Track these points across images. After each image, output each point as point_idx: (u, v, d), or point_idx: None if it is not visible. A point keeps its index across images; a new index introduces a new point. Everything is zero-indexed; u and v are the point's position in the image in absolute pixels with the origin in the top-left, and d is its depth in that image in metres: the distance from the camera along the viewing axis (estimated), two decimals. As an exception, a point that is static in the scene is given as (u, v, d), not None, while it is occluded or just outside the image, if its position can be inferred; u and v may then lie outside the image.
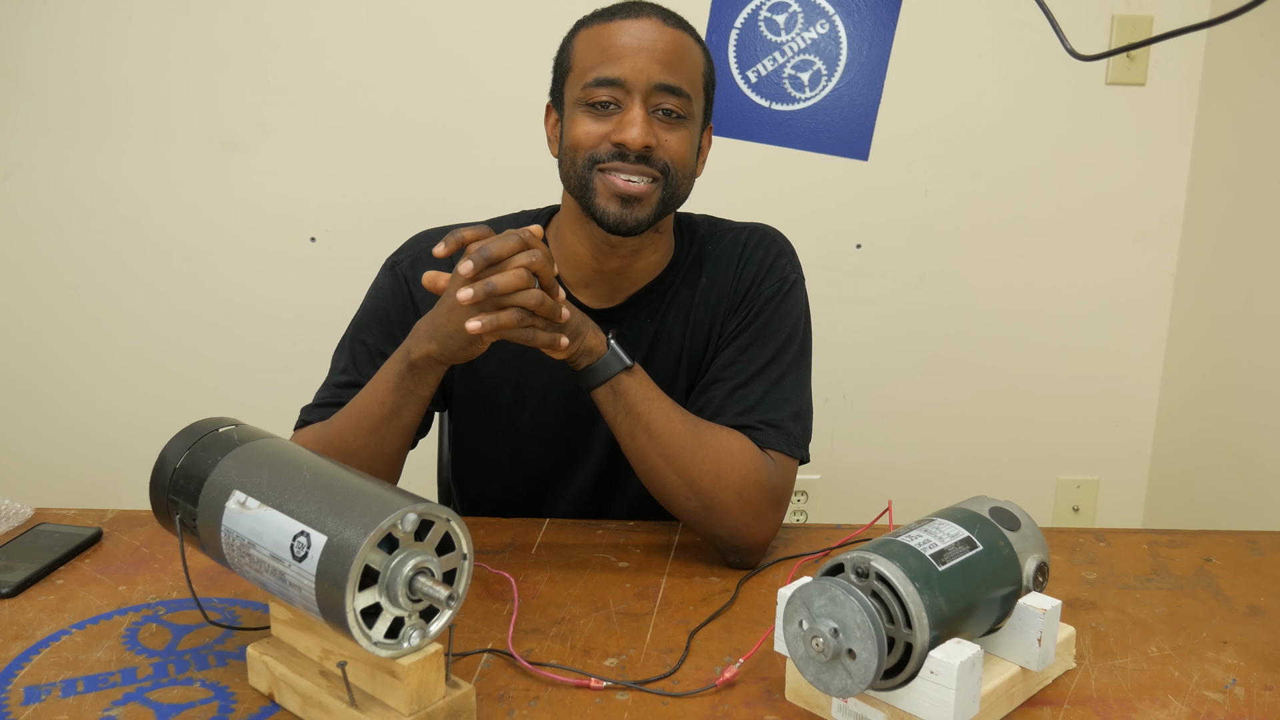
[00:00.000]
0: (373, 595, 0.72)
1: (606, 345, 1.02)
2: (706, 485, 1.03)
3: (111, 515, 1.17)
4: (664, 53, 1.05)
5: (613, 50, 1.05)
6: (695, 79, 1.08)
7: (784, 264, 1.18)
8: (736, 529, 1.05)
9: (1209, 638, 0.94)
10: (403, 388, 1.01)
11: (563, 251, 1.16)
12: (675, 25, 1.08)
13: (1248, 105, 1.96)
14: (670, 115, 1.06)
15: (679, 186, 1.09)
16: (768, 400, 1.10)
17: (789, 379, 1.12)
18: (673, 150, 1.06)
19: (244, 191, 2.08)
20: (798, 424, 1.11)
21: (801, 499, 2.28)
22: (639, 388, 1.03)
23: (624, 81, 1.04)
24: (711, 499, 1.04)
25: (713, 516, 1.04)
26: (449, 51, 2.02)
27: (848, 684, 0.73)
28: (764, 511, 1.05)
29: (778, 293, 1.16)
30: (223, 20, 2.00)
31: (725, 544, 1.06)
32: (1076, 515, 2.30)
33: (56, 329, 2.14)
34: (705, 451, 1.04)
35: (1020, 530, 0.84)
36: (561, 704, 0.83)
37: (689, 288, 1.18)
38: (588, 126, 1.06)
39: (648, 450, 1.04)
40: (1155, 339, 2.21)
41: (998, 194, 2.12)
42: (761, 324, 1.14)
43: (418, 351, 0.99)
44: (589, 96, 1.05)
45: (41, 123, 2.03)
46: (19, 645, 0.90)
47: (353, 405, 1.05)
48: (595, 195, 1.06)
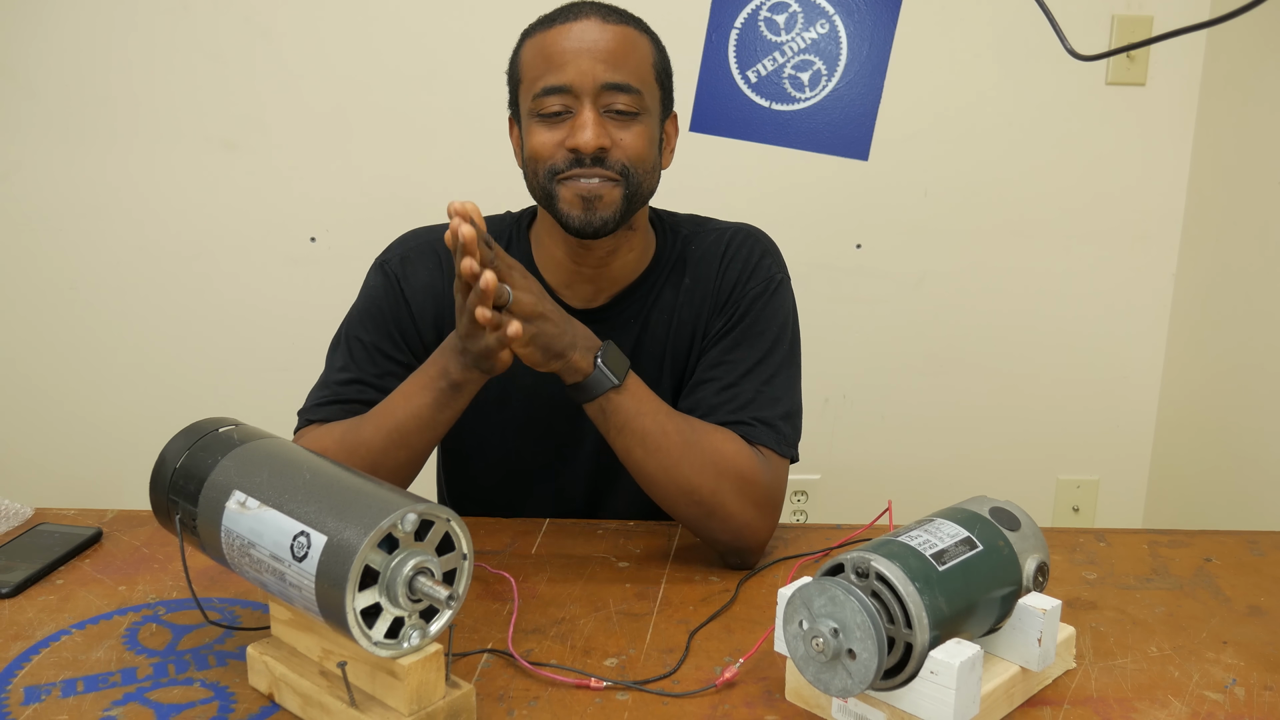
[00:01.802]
0: (373, 595, 0.72)
1: (594, 366, 1.00)
2: (706, 492, 1.03)
3: (111, 515, 1.17)
4: (606, 51, 1.04)
5: (556, 57, 1.05)
6: (644, 72, 1.08)
7: (769, 264, 1.18)
8: (739, 530, 1.04)
9: (1209, 638, 0.94)
10: (440, 403, 1.01)
11: (543, 255, 1.17)
12: (617, 21, 1.07)
13: (1248, 105, 1.96)
14: (622, 114, 1.06)
15: (641, 183, 1.08)
16: (759, 399, 1.10)
17: (779, 378, 1.12)
18: (629, 148, 1.06)
19: (244, 191, 2.08)
20: (788, 423, 1.11)
21: (801, 499, 2.28)
22: (630, 404, 1.02)
23: (570, 87, 1.04)
24: (712, 504, 1.03)
25: (714, 521, 1.04)
26: (449, 51, 2.02)
27: (848, 684, 0.73)
28: (763, 510, 1.05)
29: (764, 292, 1.15)
30: (223, 20, 2.00)
31: (726, 546, 1.06)
32: (1076, 515, 2.30)
33: (57, 329, 2.14)
34: (702, 457, 1.03)
35: (1020, 530, 0.84)
36: (561, 704, 0.83)
37: (673, 288, 1.18)
38: (543, 137, 1.06)
39: (644, 464, 1.03)
40: (1155, 339, 2.21)
41: (998, 194, 2.12)
42: (748, 324, 1.14)
43: (459, 374, 0.99)
44: (540, 107, 1.05)
45: (42, 123, 2.03)
46: (19, 645, 0.90)
47: (382, 419, 1.04)
48: (559, 202, 1.07)
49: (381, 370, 1.13)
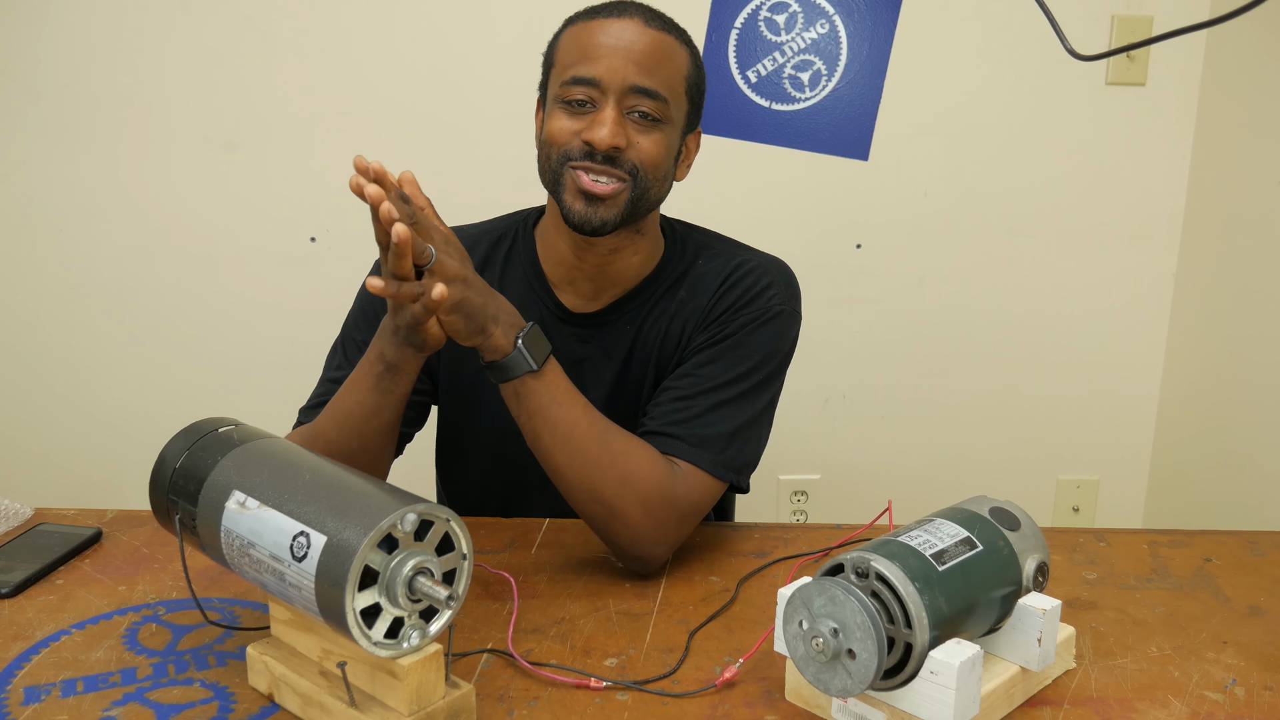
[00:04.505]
0: (372, 595, 0.72)
1: (513, 346, 0.98)
2: (609, 494, 1.01)
3: (111, 515, 1.17)
4: (641, 54, 1.04)
5: (591, 49, 1.05)
6: (675, 82, 1.08)
7: (772, 294, 1.15)
8: (635, 539, 1.02)
9: (1209, 638, 0.94)
10: (381, 388, 1.01)
11: (546, 249, 1.17)
12: (659, 27, 1.07)
13: (1248, 105, 1.96)
14: (645, 118, 1.06)
15: (649, 189, 1.08)
16: (706, 416, 1.07)
17: (740, 402, 1.09)
18: (644, 152, 1.06)
19: (244, 191, 2.08)
20: (732, 445, 1.07)
21: (801, 499, 2.28)
22: (545, 391, 1.00)
23: (598, 81, 1.04)
24: (614, 507, 1.01)
25: (614, 524, 1.02)
26: (449, 51, 2.02)
27: (848, 684, 0.73)
28: (666, 523, 1.03)
29: (756, 318, 1.13)
30: (223, 21, 2.00)
31: (623, 551, 1.04)
32: (1076, 515, 2.30)
33: (57, 329, 2.14)
34: (610, 458, 1.01)
35: (1020, 530, 0.84)
36: (561, 704, 0.83)
37: (670, 298, 1.17)
38: (562, 123, 1.06)
39: (552, 454, 1.01)
40: (1155, 339, 2.21)
41: (998, 194, 2.12)
42: (730, 345, 1.12)
43: (391, 352, 0.98)
44: (565, 94, 1.06)
45: (42, 123, 2.03)
46: (19, 645, 0.90)
47: (333, 406, 1.05)
48: (564, 190, 1.07)
49: None
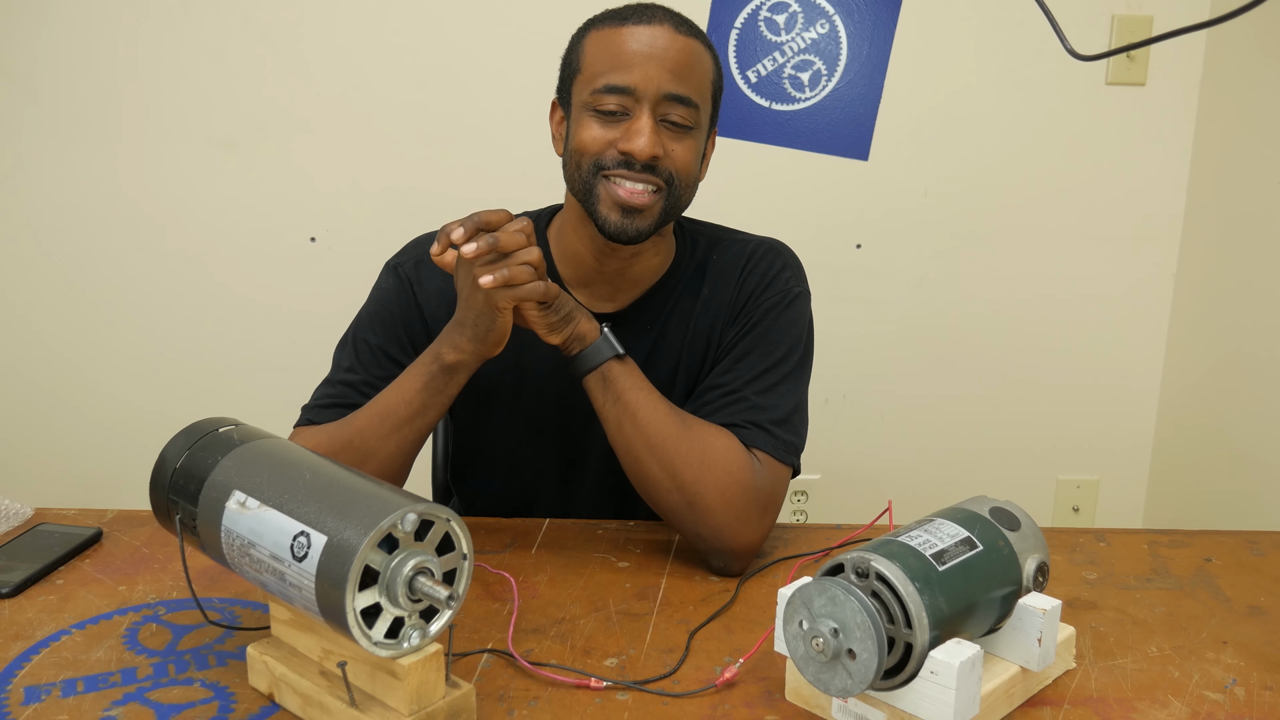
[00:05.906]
0: (373, 595, 0.72)
1: (599, 332, 1.03)
2: (689, 479, 1.02)
3: (111, 515, 1.17)
4: (675, 62, 1.04)
5: (623, 57, 1.04)
6: (704, 88, 1.08)
7: (788, 277, 1.18)
8: (719, 529, 1.03)
9: (1209, 638, 0.94)
10: (432, 388, 1.03)
11: (564, 251, 1.16)
12: (688, 33, 1.06)
13: (1248, 105, 1.96)
14: (678, 126, 1.06)
15: (682, 195, 1.09)
16: (760, 405, 1.09)
17: (783, 387, 1.12)
18: (678, 160, 1.06)
19: (244, 191, 2.08)
20: (788, 430, 1.10)
21: (801, 499, 2.28)
22: (629, 376, 1.04)
23: (634, 90, 1.03)
24: (694, 494, 1.03)
25: (695, 513, 1.03)
26: (449, 51, 2.02)
27: (848, 684, 0.73)
28: (748, 513, 1.04)
29: (779, 304, 1.15)
30: (223, 21, 2.00)
31: (709, 545, 1.05)
32: (1076, 515, 2.30)
33: (56, 329, 2.14)
34: (690, 445, 1.03)
35: (1020, 530, 0.84)
36: (561, 704, 0.83)
37: (691, 296, 1.17)
38: (594, 132, 1.05)
39: (633, 440, 1.03)
40: (1155, 339, 2.21)
41: (997, 194, 2.12)
42: (760, 333, 1.14)
43: (451, 355, 1.01)
44: (597, 103, 1.04)
45: (42, 123, 2.03)
46: (19, 645, 0.90)
47: (374, 405, 1.06)
48: (598, 202, 1.06)
49: (386, 374, 1.12)
